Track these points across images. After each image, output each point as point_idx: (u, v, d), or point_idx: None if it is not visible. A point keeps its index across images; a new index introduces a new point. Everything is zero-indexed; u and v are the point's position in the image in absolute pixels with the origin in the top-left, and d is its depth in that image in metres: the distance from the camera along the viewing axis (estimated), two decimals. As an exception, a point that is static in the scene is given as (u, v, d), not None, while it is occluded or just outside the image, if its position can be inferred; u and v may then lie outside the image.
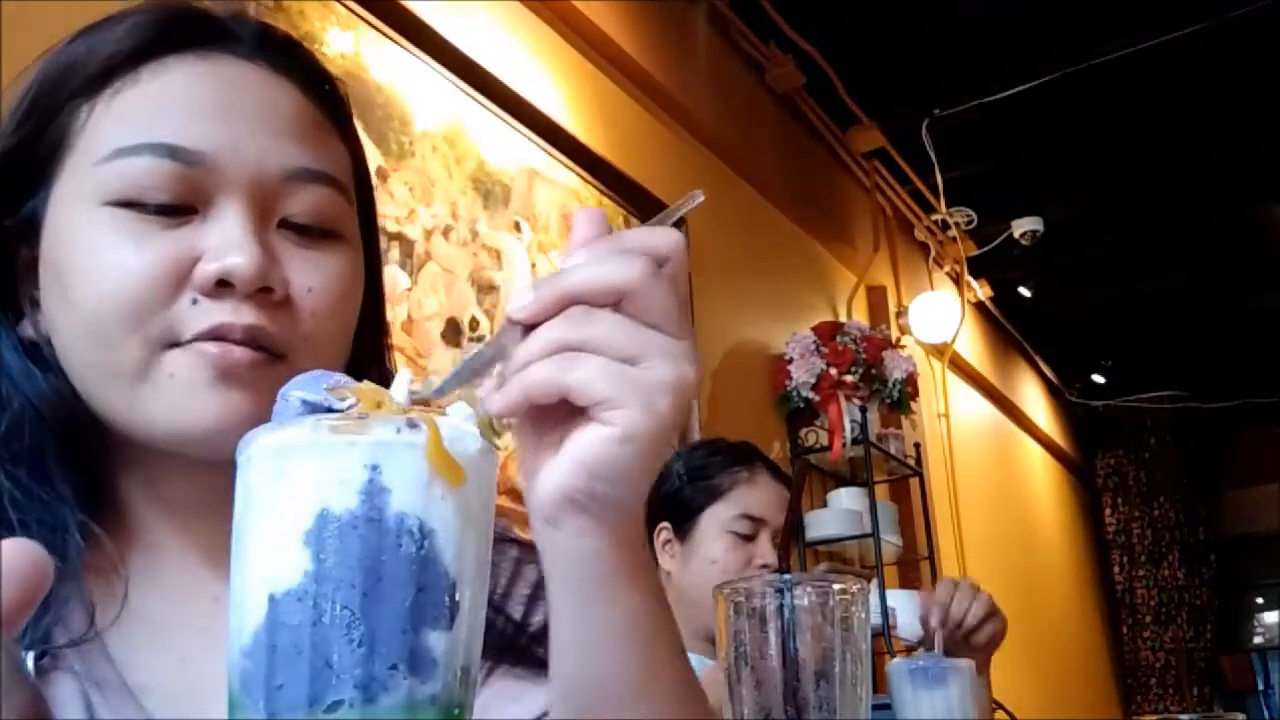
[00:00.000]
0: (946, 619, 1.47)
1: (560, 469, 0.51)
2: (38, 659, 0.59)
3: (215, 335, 0.61)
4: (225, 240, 0.61)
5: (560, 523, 0.52)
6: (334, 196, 0.66)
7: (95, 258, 0.61)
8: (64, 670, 0.60)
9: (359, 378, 0.45)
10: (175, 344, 0.61)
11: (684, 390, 0.51)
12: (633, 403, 0.49)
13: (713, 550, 1.81)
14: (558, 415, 0.51)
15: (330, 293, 0.65)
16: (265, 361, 0.62)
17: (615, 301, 0.50)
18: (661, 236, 0.53)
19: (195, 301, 0.61)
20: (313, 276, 0.64)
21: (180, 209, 0.62)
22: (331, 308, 0.65)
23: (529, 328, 0.51)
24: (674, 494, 1.89)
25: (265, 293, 0.62)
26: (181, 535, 0.67)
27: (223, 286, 0.61)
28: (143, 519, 0.67)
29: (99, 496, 0.66)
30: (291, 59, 0.68)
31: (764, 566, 1.78)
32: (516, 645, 0.72)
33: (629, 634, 0.55)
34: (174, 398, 0.61)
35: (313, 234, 0.65)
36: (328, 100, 0.69)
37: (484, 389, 0.52)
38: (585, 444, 0.50)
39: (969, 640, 1.49)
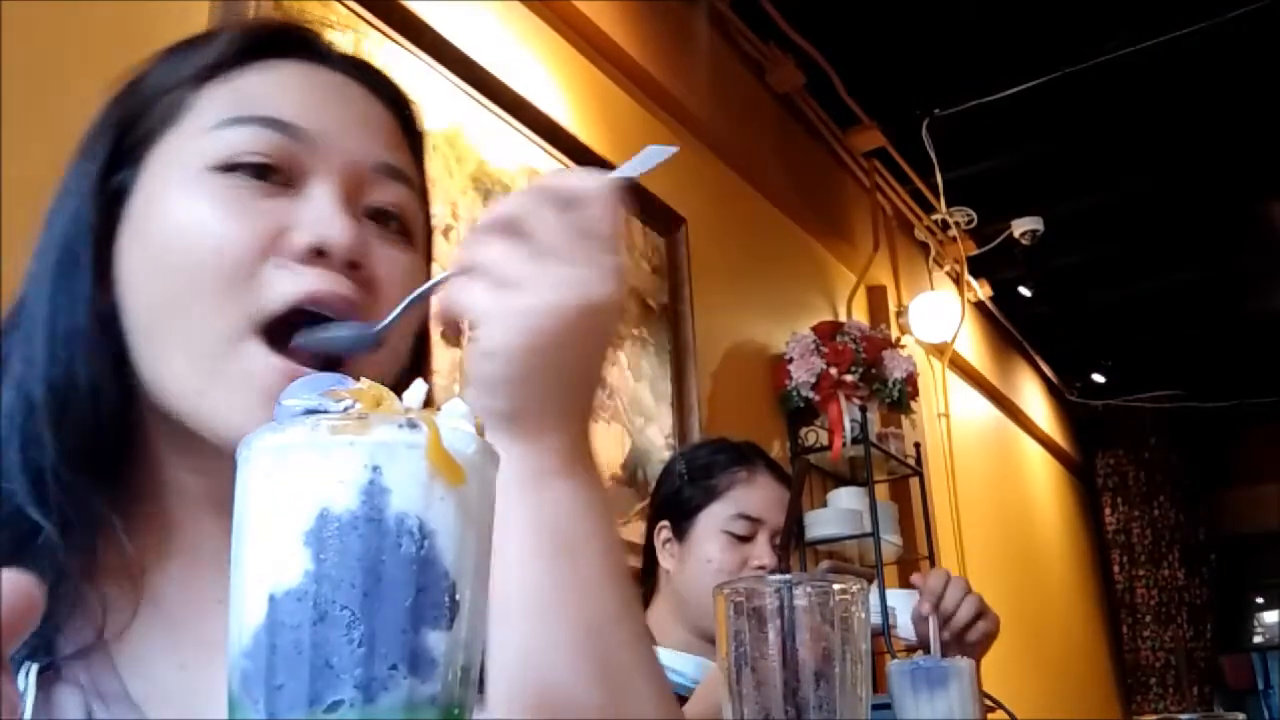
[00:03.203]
0: (938, 607, 1.47)
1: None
2: (43, 670, 0.58)
3: (311, 301, 0.62)
4: (320, 214, 0.64)
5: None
6: (413, 199, 0.70)
7: (190, 220, 0.63)
8: (67, 682, 0.59)
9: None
10: (262, 328, 0.61)
11: (556, 314, 0.57)
12: (495, 321, 0.57)
13: (708, 550, 1.80)
14: None
15: (407, 284, 0.67)
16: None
17: (510, 230, 0.58)
18: (569, 178, 0.61)
19: (287, 267, 0.62)
20: (391, 265, 0.67)
21: (278, 175, 0.64)
22: (402, 299, 0.67)
23: None
24: (674, 493, 1.89)
25: (354, 269, 0.64)
26: (218, 533, 0.66)
27: (315, 256, 0.63)
28: (180, 514, 0.67)
29: (137, 488, 0.66)
30: (384, 85, 0.73)
31: (760, 567, 1.77)
32: None
33: (539, 540, 0.58)
34: (245, 402, 0.61)
35: (392, 226, 0.68)
36: (410, 129, 0.74)
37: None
38: (469, 360, 0.59)
39: (961, 639, 1.49)
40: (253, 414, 0.60)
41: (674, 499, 1.88)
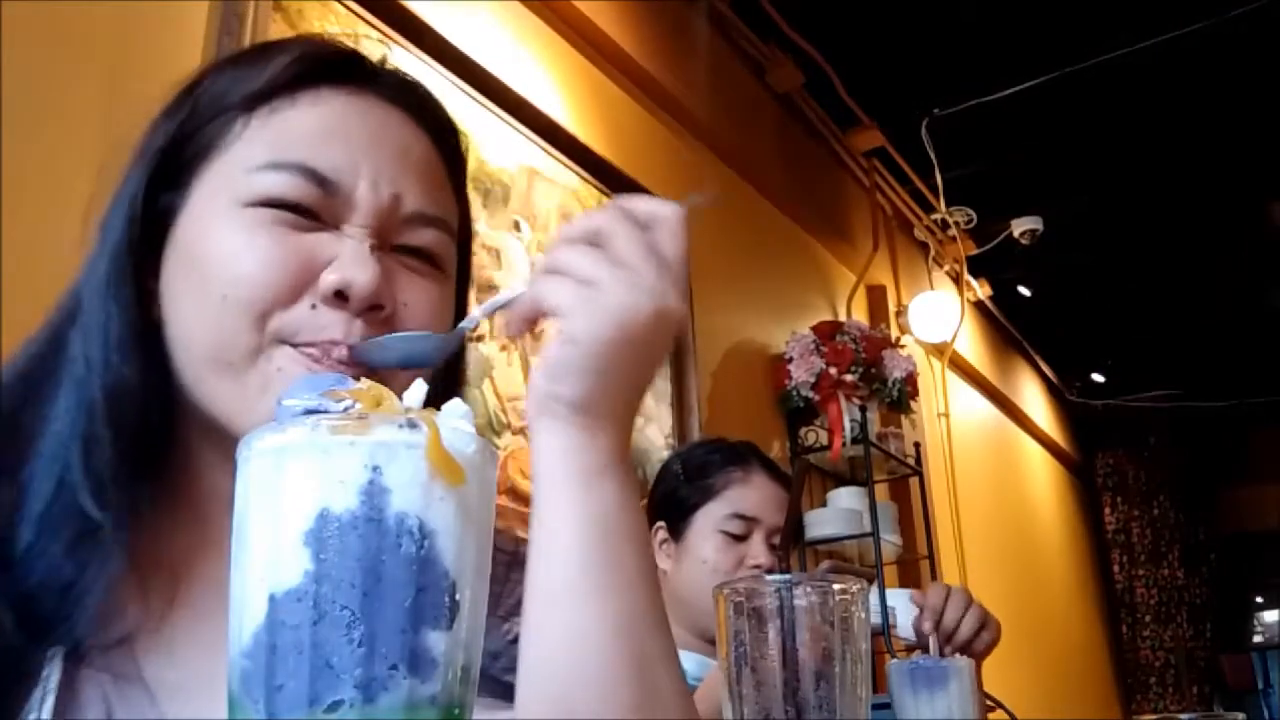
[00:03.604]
0: (939, 625, 1.47)
1: (533, 373, 0.63)
2: (67, 657, 0.61)
3: (326, 345, 0.66)
4: (351, 255, 0.67)
5: (534, 425, 0.63)
6: (444, 240, 0.74)
7: (229, 253, 0.66)
8: (90, 668, 0.62)
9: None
10: (287, 342, 0.65)
11: (633, 314, 0.61)
12: (580, 313, 0.61)
13: (704, 550, 1.81)
14: None
15: (424, 311, 0.71)
16: (365, 375, 0.66)
17: (589, 241, 0.63)
18: (646, 203, 0.66)
19: (314, 307, 0.66)
20: (411, 294, 0.70)
21: (312, 214, 0.67)
22: (424, 325, 0.71)
23: None
24: (671, 493, 1.88)
25: (375, 310, 0.67)
26: None
27: (339, 297, 0.66)
28: (216, 515, 0.69)
29: (175, 490, 0.69)
30: (426, 110, 0.75)
31: (756, 567, 1.77)
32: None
33: (588, 531, 0.61)
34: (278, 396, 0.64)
35: (419, 258, 0.72)
36: (451, 155, 0.76)
37: (500, 321, 0.65)
38: (547, 347, 0.63)
39: (965, 652, 1.49)
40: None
41: (670, 499, 1.88)
